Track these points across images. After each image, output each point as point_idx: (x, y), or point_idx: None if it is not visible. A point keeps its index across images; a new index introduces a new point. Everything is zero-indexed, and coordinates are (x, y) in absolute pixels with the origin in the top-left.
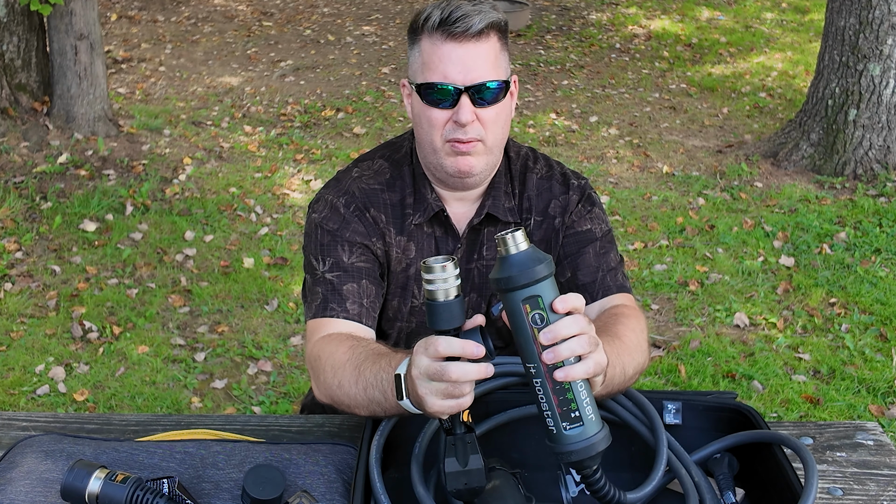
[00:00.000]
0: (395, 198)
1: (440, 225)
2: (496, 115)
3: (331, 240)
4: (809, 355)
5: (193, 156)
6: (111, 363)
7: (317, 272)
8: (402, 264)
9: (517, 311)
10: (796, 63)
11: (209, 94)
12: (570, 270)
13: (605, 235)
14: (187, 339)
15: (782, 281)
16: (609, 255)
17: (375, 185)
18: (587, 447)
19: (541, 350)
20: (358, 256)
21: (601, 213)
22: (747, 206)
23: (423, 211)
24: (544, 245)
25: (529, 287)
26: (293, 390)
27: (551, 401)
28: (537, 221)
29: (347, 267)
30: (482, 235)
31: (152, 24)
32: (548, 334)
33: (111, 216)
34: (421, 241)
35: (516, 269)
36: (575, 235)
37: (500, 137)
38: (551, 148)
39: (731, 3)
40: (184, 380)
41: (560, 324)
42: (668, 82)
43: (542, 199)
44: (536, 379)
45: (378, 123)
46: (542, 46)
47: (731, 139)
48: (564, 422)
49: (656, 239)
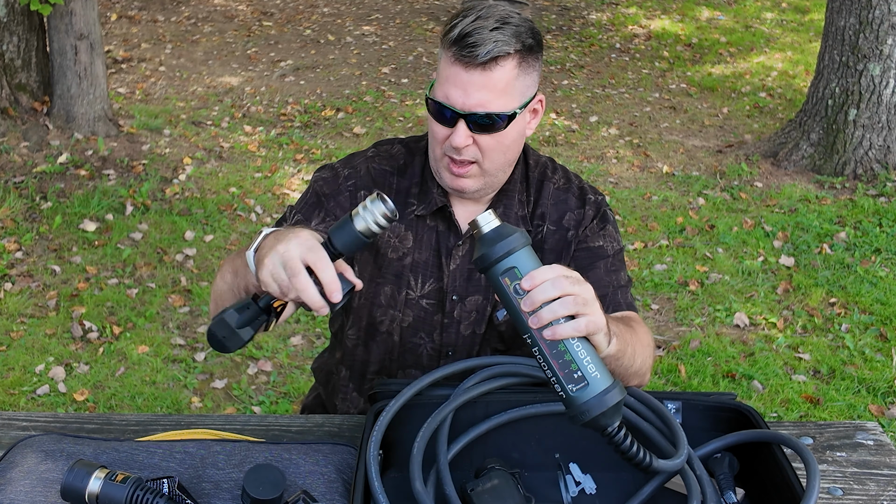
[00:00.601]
0: (403, 184)
1: (444, 220)
2: (496, 143)
3: (315, 202)
4: (809, 355)
5: (193, 156)
6: (111, 363)
7: (283, 224)
8: (399, 252)
9: (499, 286)
10: (796, 63)
11: (209, 94)
12: None
13: (617, 254)
14: (187, 339)
15: (782, 281)
16: (619, 274)
17: (387, 167)
18: (596, 404)
19: (527, 318)
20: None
21: (614, 232)
22: (747, 205)
23: (427, 203)
24: (555, 255)
25: (504, 259)
26: (293, 390)
27: (552, 365)
28: (551, 230)
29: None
30: None
31: (152, 24)
32: (526, 301)
33: (111, 216)
34: (421, 233)
35: (488, 244)
36: (587, 250)
37: (500, 162)
38: (551, 148)
39: (731, 3)
40: (184, 380)
41: (537, 290)
42: (668, 82)
43: (558, 210)
44: (534, 348)
45: (378, 123)
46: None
47: (731, 139)
48: (570, 384)
49: (656, 239)
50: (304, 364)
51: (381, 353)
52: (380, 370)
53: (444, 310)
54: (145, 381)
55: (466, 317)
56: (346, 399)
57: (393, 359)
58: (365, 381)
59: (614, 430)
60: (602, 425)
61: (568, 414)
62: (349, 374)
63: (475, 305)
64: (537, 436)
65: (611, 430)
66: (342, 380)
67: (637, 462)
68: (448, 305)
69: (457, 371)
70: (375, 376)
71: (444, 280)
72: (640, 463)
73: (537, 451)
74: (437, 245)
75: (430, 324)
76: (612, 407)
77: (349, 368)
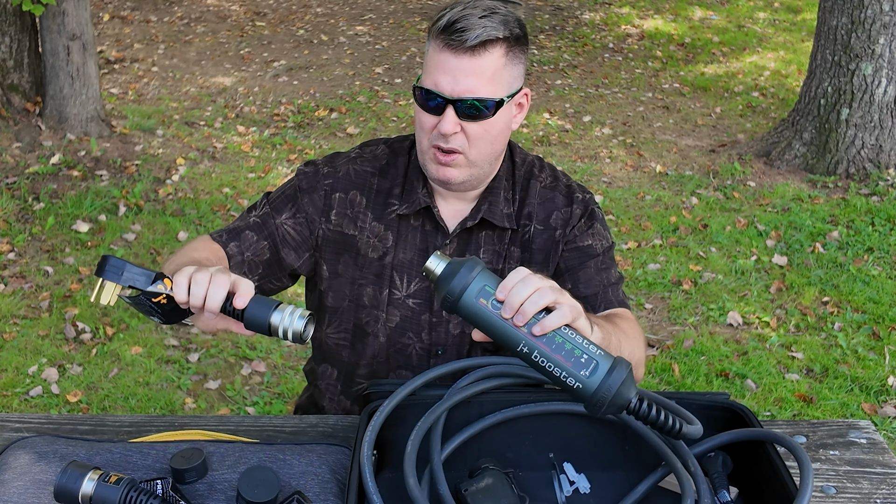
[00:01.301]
0: (384, 184)
1: (430, 220)
2: (484, 131)
3: (291, 195)
4: (802, 354)
5: (186, 156)
6: (104, 364)
7: (252, 212)
8: (378, 252)
9: (476, 309)
10: (789, 62)
11: (202, 95)
12: (571, 283)
13: (607, 252)
14: (181, 340)
15: (775, 280)
16: (610, 271)
17: (368, 167)
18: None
19: (513, 325)
20: (293, 224)
21: (602, 230)
22: (740, 205)
23: (410, 203)
24: (543, 255)
25: (472, 284)
26: (287, 391)
27: (557, 360)
28: (538, 230)
29: (272, 223)
30: (477, 238)
31: (145, 25)
32: (506, 308)
33: (104, 217)
34: (405, 233)
35: (450, 279)
36: (576, 250)
37: (486, 152)
38: (545, 148)
39: (723, 3)
40: (177, 381)
41: (512, 293)
42: (662, 82)
43: (545, 209)
44: (533, 353)
45: (372, 123)
46: (535, 46)
47: (724, 138)
48: (580, 370)
49: (650, 238)
50: (298, 365)
51: (369, 356)
52: (369, 373)
53: (432, 309)
54: (139, 383)
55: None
56: (333, 401)
57: (381, 360)
58: (353, 383)
59: (636, 404)
60: (625, 399)
61: (589, 403)
62: (336, 375)
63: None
64: (531, 435)
65: (634, 405)
66: (329, 381)
67: (668, 429)
68: (436, 304)
69: (450, 371)
70: (364, 379)
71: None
72: (671, 430)
73: (531, 450)
74: (423, 244)
75: (417, 323)
76: (627, 377)
77: (336, 370)
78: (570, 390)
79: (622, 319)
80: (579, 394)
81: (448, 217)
